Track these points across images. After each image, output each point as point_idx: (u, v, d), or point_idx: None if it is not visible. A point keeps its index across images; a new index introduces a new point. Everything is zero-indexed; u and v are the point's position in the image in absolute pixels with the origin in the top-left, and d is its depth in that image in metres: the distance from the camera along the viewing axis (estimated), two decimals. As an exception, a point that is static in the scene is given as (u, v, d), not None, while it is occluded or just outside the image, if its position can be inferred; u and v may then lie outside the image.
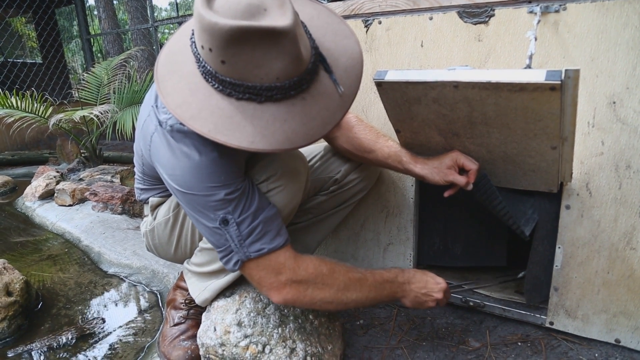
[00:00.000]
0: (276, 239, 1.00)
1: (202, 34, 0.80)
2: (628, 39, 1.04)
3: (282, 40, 0.78)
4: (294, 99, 0.85)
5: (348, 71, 0.93)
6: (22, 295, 1.57)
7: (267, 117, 0.84)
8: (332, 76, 0.90)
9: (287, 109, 0.85)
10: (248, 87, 0.82)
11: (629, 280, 1.20)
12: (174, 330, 1.30)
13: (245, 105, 0.84)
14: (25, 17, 8.88)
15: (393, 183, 1.50)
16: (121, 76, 3.96)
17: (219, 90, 0.85)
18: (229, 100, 0.84)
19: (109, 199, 2.68)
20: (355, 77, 0.94)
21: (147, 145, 1.05)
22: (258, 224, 0.98)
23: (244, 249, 0.99)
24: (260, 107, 0.84)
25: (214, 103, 0.85)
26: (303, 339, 1.15)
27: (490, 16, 1.19)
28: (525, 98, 0.92)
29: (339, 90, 0.90)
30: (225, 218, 0.97)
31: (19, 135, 4.50)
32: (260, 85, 0.82)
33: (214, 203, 0.96)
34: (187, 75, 0.88)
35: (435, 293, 1.18)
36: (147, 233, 1.32)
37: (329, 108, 0.89)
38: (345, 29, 0.98)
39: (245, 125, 0.84)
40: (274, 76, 0.81)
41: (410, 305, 1.19)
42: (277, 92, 0.83)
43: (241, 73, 0.81)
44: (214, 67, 0.83)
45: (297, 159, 1.13)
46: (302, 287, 1.02)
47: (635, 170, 1.12)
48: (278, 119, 0.84)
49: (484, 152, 1.15)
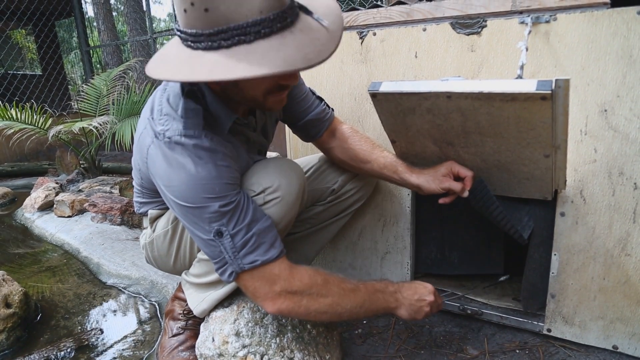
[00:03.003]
0: (270, 251, 1.01)
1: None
2: (617, 48, 1.06)
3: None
4: (282, 33, 0.86)
5: (328, 13, 0.93)
6: (21, 307, 1.57)
7: (261, 51, 0.84)
8: (314, 15, 0.90)
9: (278, 41, 0.85)
10: (235, 28, 0.83)
11: (625, 287, 1.20)
12: (172, 341, 1.31)
13: (237, 49, 0.84)
14: (26, 30, 8.95)
15: (390, 192, 1.52)
16: (120, 87, 3.99)
17: (208, 48, 0.85)
18: (220, 52, 0.85)
19: (108, 210, 2.69)
20: (337, 16, 0.94)
21: (144, 158, 1.06)
22: (252, 236, 0.99)
23: (237, 260, 0.99)
24: (252, 46, 0.84)
25: (207, 58, 0.85)
26: (301, 349, 1.16)
27: (483, 27, 1.21)
28: (517, 108, 0.93)
29: (323, 24, 0.90)
30: (220, 230, 0.98)
31: (18, 147, 4.52)
32: (245, 22, 0.82)
33: (209, 215, 0.97)
34: (177, 56, 0.89)
35: (427, 296, 1.19)
36: (146, 245, 1.33)
37: (320, 39, 0.89)
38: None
39: (241, 63, 0.83)
40: (257, 9, 0.82)
41: (408, 316, 1.19)
42: (264, 25, 0.83)
43: (225, 15, 0.81)
44: (199, 25, 0.83)
45: (294, 171, 1.14)
46: (297, 298, 1.03)
47: (628, 177, 1.13)
48: (272, 49, 0.84)
49: (479, 161, 1.16)
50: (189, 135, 0.98)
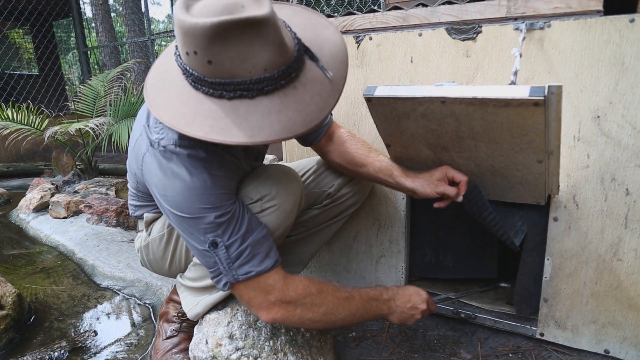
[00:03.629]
0: (265, 262, 1.01)
1: (184, 38, 0.81)
2: (610, 56, 1.07)
3: (263, 29, 0.79)
4: (285, 89, 0.86)
5: (333, 57, 0.94)
6: (14, 309, 1.57)
7: (262, 110, 0.84)
8: (319, 63, 0.91)
9: (280, 99, 0.85)
10: (238, 84, 0.83)
11: (617, 291, 1.21)
12: (166, 343, 1.30)
13: (238, 103, 0.85)
14: (23, 30, 8.93)
15: (385, 196, 1.52)
16: (117, 88, 3.98)
17: (210, 95, 0.85)
18: (221, 103, 0.85)
19: (103, 212, 2.68)
20: (342, 62, 0.95)
21: (139, 165, 1.06)
22: (246, 247, 0.99)
23: (232, 271, 1.00)
24: (253, 102, 0.84)
25: (206, 107, 0.85)
26: (294, 352, 1.16)
27: (478, 33, 1.22)
28: (511, 113, 0.94)
29: (328, 75, 0.90)
30: (215, 241, 0.98)
31: (14, 147, 4.50)
32: (249, 79, 0.82)
33: (204, 226, 0.97)
34: (176, 88, 0.89)
35: (420, 305, 1.20)
36: (142, 249, 1.32)
37: (322, 94, 0.89)
38: (323, 22, 0.99)
39: (241, 122, 0.84)
40: (262, 67, 0.82)
41: (398, 322, 1.20)
42: (267, 83, 0.84)
43: (229, 70, 0.81)
44: (201, 72, 0.83)
45: (292, 178, 1.14)
46: (291, 307, 1.03)
47: (620, 183, 1.14)
48: (273, 110, 0.85)
49: (473, 166, 1.17)
50: (183, 145, 0.98)
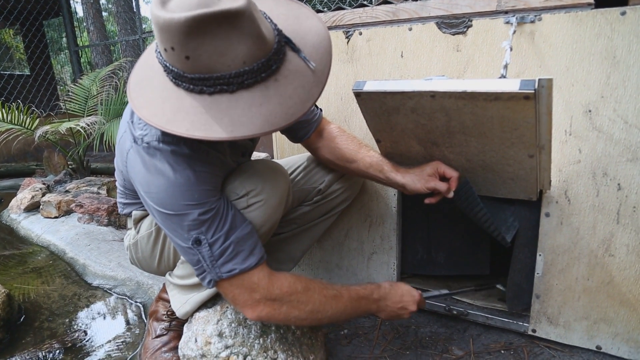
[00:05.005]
0: (249, 259, 0.99)
1: (161, 34, 0.79)
2: (601, 49, 1.06)
3: (239, 22, 0.77)
4: (266, 82, 0.84)
5: (316, 47, 0.92)
6: (4, 309, 1.54)
7: (242, 105, 0.83)
8: (300, 54, 0.89)
9: (261, 92, 0.84)
10: (217, 78, 0.81)
11: (609, 287, 1.21)
12: (155, 342, 1.29)
13: (219, 98, 0.83)
14: (13, 29, 8.85)
15: (376, 192, 1.51)
16: (109, 87, 3.95)
17: (190, 90, 0.84)
18: (202, 98, 0.84)
19: (94, 211, 2.66)
20: (325, 52, 0.93)
21: (123, 162, 1.05)
22: (230, 244, 0.97)
23: (215, 269, 0.98)
24: (234, 96, 0.83)
25: (187, 104, 0.84)
26: (285, 349, 1.15)
27: (468, 27, 1.21)
28: (501, 107, 0.93)
29: (310, 66, 0.88)
30: (198, 238, 0.96)
31: (5, 147, 4.45)
32: (228, 73, 0.81)
33: (188, 223, 0.95)
34: (158, 85, 0.88)
35: (410, 306, 1.20)
36: (130, 246, 1.31)
37: (304, 85, 0.87)
38: (306, 11, 0.97)
39: (222, 117, 0.83)
40: (241, 60, 0.80)
41: (386, 318, 1.21)
42: (247, 77, 0.82)
43: (207, 65, 0.80)
44: (180, 68, 0.82)
45: (278, 174, 1.13)
46: (277, 305, 1.02)
47: (612, 178, 1.13)
48: (254, 104, 0.83)
49: (463, 161, 1.16)
50: (167, 141, 0.96)
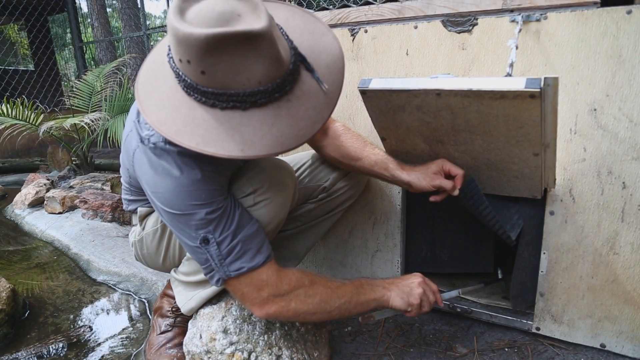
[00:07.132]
0: (257, 257, 1.00)
1: (178, 46, 0.79)
2: (607, 48, 1.06)
3: (259, 43, 0.77)
4: (278, 102, 0.85)
5: (330, 67, 0.92)
6: (9, 304, 1.56)
7: (254, 123, 0.83)
8: (314, 74, 0.89)
9: (273, 112, 0.84)
10: (231, 95, 0.81)
11: (613, 285, 1.21)
12: (160, 338, 1.30)
13: (231, 114, 0.83)
14: (18, 25, 8.87)
15: (380, 190, 1.51)
16: (113, 83, 3.96)
17: (202, 103, 0.84)
18: (213, 112, 0.84)
19: (99, 207, 2.67)
20: (338, 73, 0.93)
21: (130, 161, 1.05)
22: (237, 242, 0.98)
23: (224, 268, 0.99)
24: (246, 114, 0.83)
25: (198, 116, 0.84)
26: (289, 346, 1.15)
27: (474, 25, 1.21)
28: (506, 105, 0.93)
29: (323, 87, 0.89)
30: (206, 237, 0.97)
31: (9, 143, 4.47)
32: (243, 91, 0.81)
33: (195, 222, 0.96)
34: (168, 92, 0.87)
35: (415, 278, 1.18)
36: (136, 243, 1.31)
37: (316, 107, 0.88)
38: (321, 27, 0.97)
39: (233, 134, 0.83)
40: (256, 80, 0.81)
41: (402, 302, 1.13)
42: (261, 96, 0.82)
43: (222, 81, 0.80)
44: (194, 80, 0.82)
45: (285, 172, 1.13)
46: (285, 301, 1.03)
47: (616, 176, 1.13)
48: (265, 124, 0.83)
49: (468, 159, 1.16)
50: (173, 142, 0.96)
